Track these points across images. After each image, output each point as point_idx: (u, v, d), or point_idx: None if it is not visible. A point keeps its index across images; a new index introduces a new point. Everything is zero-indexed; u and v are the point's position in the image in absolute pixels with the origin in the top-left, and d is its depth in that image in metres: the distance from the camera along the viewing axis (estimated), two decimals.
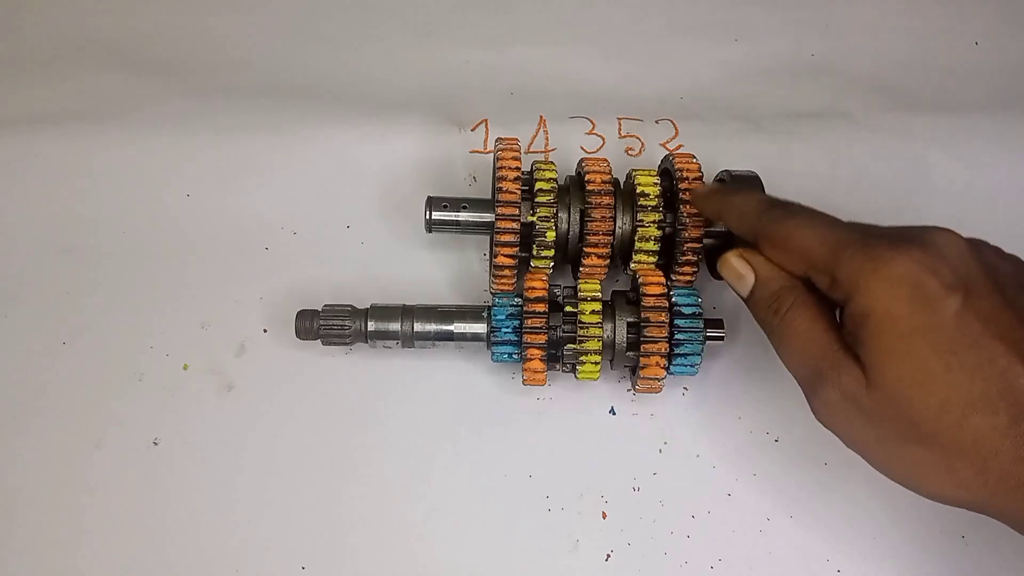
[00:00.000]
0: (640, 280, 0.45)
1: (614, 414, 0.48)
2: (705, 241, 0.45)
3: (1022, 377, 0.30)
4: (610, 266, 0.46)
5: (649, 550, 0.45)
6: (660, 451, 0.47)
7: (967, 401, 0.31)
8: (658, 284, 0.44)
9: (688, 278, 0.46)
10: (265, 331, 0.50)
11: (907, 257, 0.32)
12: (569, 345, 0.44)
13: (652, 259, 0.45)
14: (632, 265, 0.46)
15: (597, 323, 0.43)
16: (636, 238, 0.45)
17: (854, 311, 0.33)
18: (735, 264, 0.39)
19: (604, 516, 0.46)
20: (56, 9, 0.61)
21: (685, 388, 0.49)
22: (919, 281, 0.32)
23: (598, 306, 0.44)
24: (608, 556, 0.45)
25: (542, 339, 0.43)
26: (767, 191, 0.46)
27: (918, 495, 0.34)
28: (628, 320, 0.45)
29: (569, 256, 0.47)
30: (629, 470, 0.47)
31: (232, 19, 0.61)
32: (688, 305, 0.44)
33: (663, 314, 0.43)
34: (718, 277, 0.42)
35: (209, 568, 0.44)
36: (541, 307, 0.44)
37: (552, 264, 0.46)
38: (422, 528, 0.45)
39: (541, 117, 0.56)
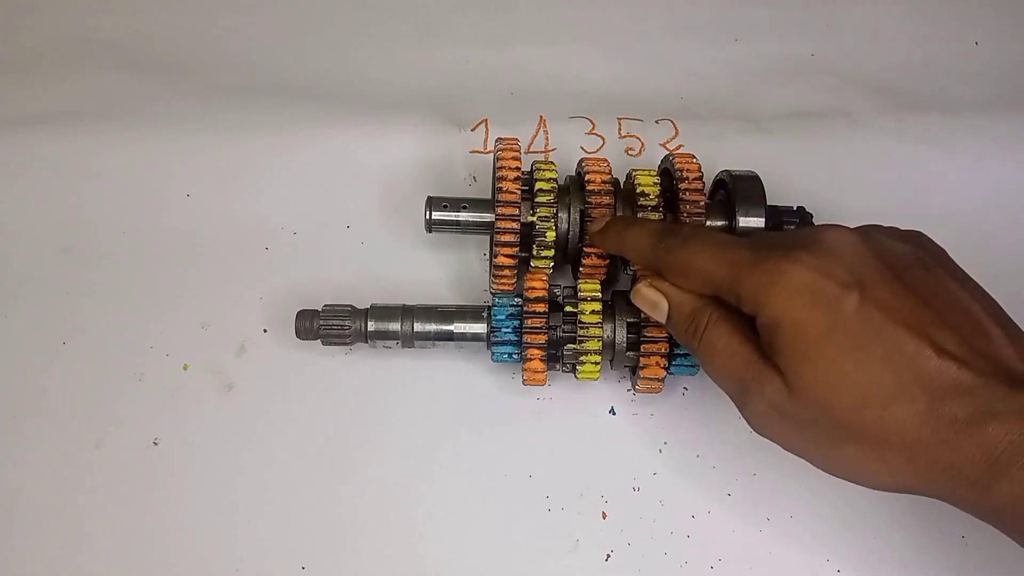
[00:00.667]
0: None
1: (614, 414, 0.48)
2: None
3: (932, 360, 0.31)
4: (610, 266, 0.46)
5: (649, 550, 0.45)
6: (660, 451, 0.47)
7: (884, 394, 0.31)
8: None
9: None
10: (265, 331, 0.50)
11: (800, 265, 0.33)
12: (569, 345, 0.44)
13: None
14: (632, 265, 0.46)
15: (597, 323, 0.43)
16: None
17: (764, 324, 0.34)
18: (647, 293, 0.40)
19: (604, 516, 0.46)
20: (56, 9, 0.61)
21: (685, 388, 0.49)
22: (815, 286, 0.32)
23: (598, 306, 0.44)
24: (608, 556, 0.45)
25: (542, 339, 0.43)
26: (767, 191, 0.46)
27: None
28: (628, 320, 0.45)
29: (569, 256, 0.47)
30: (629, 470, 0.47)
31: (232, 19, 0.61)
32: None
33: None
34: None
35: (209, 568, 0.44)
36: (541, 307, 0.44)
37: (552, 264, 0.46)
38: (422, 528, 0.45)
39: (541, 117, 0.56)
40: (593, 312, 0.44)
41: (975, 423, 0.30)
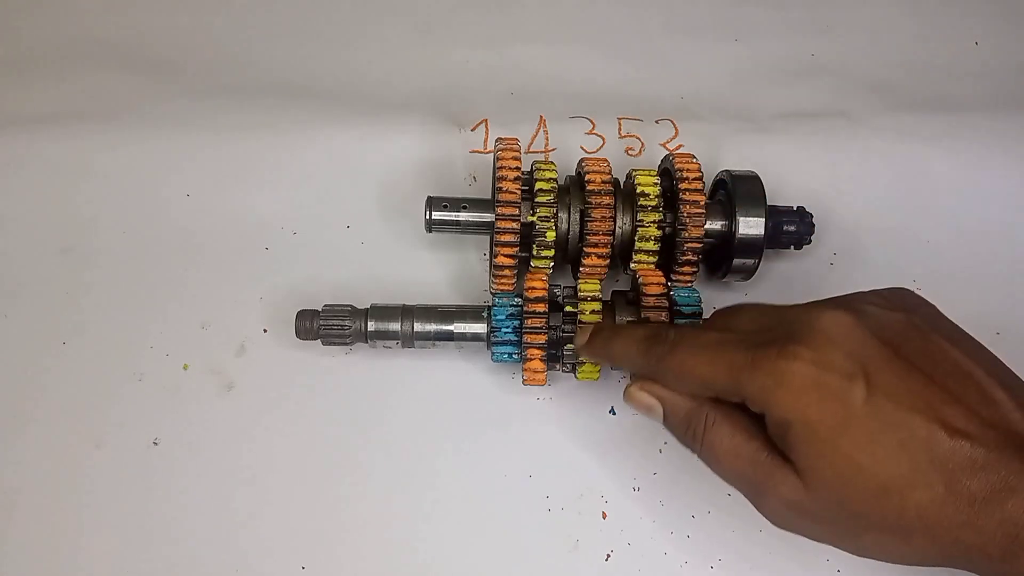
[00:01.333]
0: (640, 280, 0.45)
1: (614, 414, 0.48)
2: (705, 241, 0.45)
3: (944, 442, 0.30)
4: (610, 266, 0.46)
5: (649, 550, 0.45)
6: (660, 451, 0.47)
7: (902, 483, 0.31)
8: (658, 284, 0.44)
9: (688, 278, 0.46)
10: (265, 331, 0.50)
11: (799, 362, 0.32)
12: (569, 345, 0.44)
13: (652, 259, 0.45)
14: (632, 265, 0.46)
15: (597, 323, 0.43)
16: (636, 238, 0.45)
17: (773, 422, 0.33)
18: (639, 397, 0.38)
19: (604, 516, 0.46)
20: (56, 9, 0.61)
21: None
22: (819, 382, 0.32)
23: (598, 306, 0.44)
24: (608, 556, 0.45)
25: (542, 339, 0.43)
26: (767, 191, 0.46)
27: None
28: (628, 320, 0.44)
29: (569, 256, 0.47)
30: (629, 470, 0.47)
31: (232, 19, 0.61)
32: (688, 304, 0.44)
33: (663, 314, 0.43)
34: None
35: (209, 568, 0.44)
36: (541, 307, 0.44)
37: (552, 264, 0.46)
38: (422, 528, 0.45)
39: (541, 117, 0.56)
40: (593, 312, 0.44)
41: (993, 500, 0.30)
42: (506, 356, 0.45)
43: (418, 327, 0.45)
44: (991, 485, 0.30)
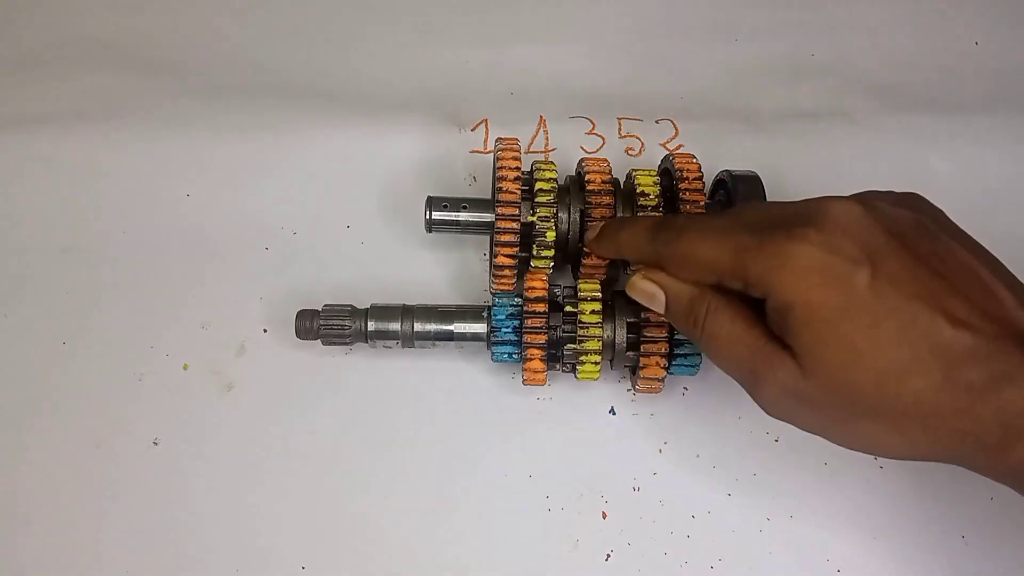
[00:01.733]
0: None
1: (614, 414, 0.48)
2: None
3: (945, 330, 0.31)
4: (610, 266, 0.46)
5: (649, 550, 0.45)
6: (660, 451, 0.47)
7: (900, 369, 0.31)
8: None
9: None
10: (265, 331, 0.50)
11: (807, 244, 0.32)
12: (569, 345, 0.44)
13: None
14: (632, 266, 0.46)
15: (597, 323, 0.43)
16: None
17: (774, 306, 0.33)
18: (642, 286, 0.39)
19: (604, 516, 0.46)
20: (56, 9, 0.61)
21: (685, 388, 0.49)
22: (825, 264, 0.32)
23: (598, 306, 0.44)
24: (608, 556, 0.45)
25: (542, 339, 0.43)
26: (767, 191, 0.46)
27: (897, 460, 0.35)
28: (628, 320, 0.44)
29: (569, 256, 0.47)
30: (629, 470, 0.47)
31: (232, 19, 0.61)
32: None
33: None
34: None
35: (209, 568, 0.44)
36: (541, 307, 0.44)
37: (552, 264, 0.46)
38: (422, 527, 0.45)
39: (541, 117, 0.56)
40: (593, 312, 0.44)
41: (990, 389, 0.30)
42: (506, 356, 0.45)
43: (418, 327, 0.45)
44: (989, 374, 0.30)
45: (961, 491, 0.46)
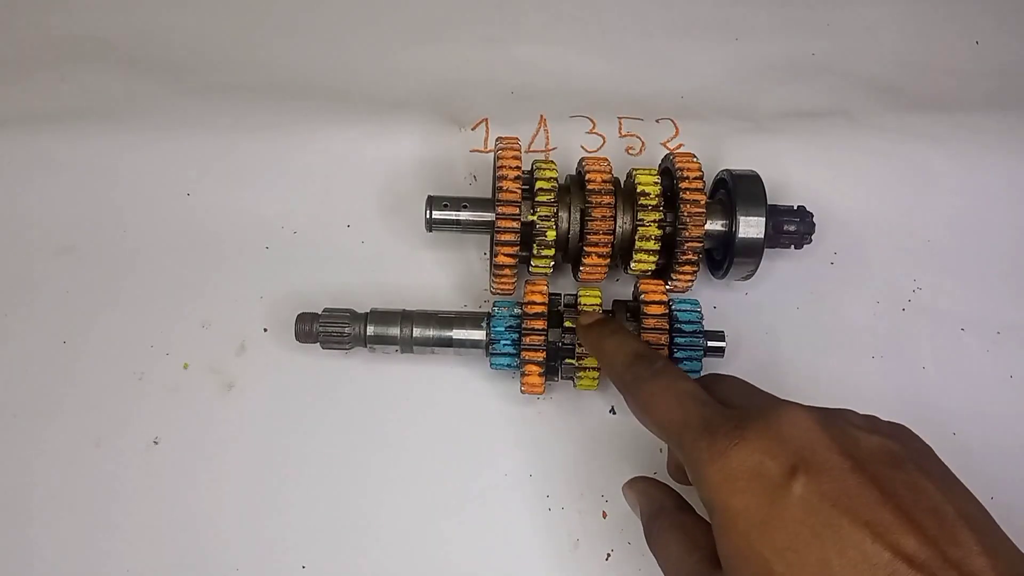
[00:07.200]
0: (642, 297, 0.44)
1: (614, 414, 0.48)
2: (706, 240, 0.45)
3: (883, 559, 0.26)
4: (610, 266, 0.46)
5: (649, 550, 0.45)
6: (660, 451, 0.47)
7: None
8: (659, 304, 0.44)
9: (688, 278, 0.46)
10: (265, 331, 0.50)
11: (743, 444, 0.30)
12: (567, 360, 0.44)
13: (653, 259, 0.45)
14: (632, 265, 0.46)
15: None
16: (636, 238, 0.45)
17: (703, 504, 0.31)
18: (627, 494, 0.41)
19: (604, 516, 0.46)
20: (56, 9, 0.61)
21: None
22: (757, 469, 0.29)
23: None
24: (608, 556, 0.45)
25: (540, 356, 0.43)
26: (767, 191, 0.46)
27: None
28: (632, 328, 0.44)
29: (569, 256, 0.47)
30: (629, 470, 0.47)
31: (232, 19, 0.61)
32: (689, 322, 0.44)
33: (663, 336, 0.43)
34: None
35: (209, 567, 0.44)
36: (540, 324, 0.44)
37: (552, 264, 0.46)
38: (422, 527, 0.45)
39: (541, 116, 0.56)
40: None
41: None
42: (504, 366, 0.45)
43: (417, 332, 0.45)
44: None
45: None
